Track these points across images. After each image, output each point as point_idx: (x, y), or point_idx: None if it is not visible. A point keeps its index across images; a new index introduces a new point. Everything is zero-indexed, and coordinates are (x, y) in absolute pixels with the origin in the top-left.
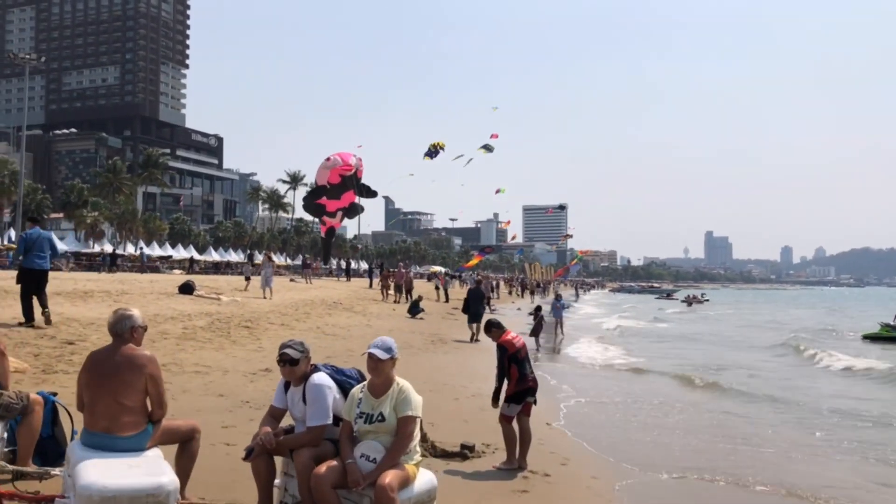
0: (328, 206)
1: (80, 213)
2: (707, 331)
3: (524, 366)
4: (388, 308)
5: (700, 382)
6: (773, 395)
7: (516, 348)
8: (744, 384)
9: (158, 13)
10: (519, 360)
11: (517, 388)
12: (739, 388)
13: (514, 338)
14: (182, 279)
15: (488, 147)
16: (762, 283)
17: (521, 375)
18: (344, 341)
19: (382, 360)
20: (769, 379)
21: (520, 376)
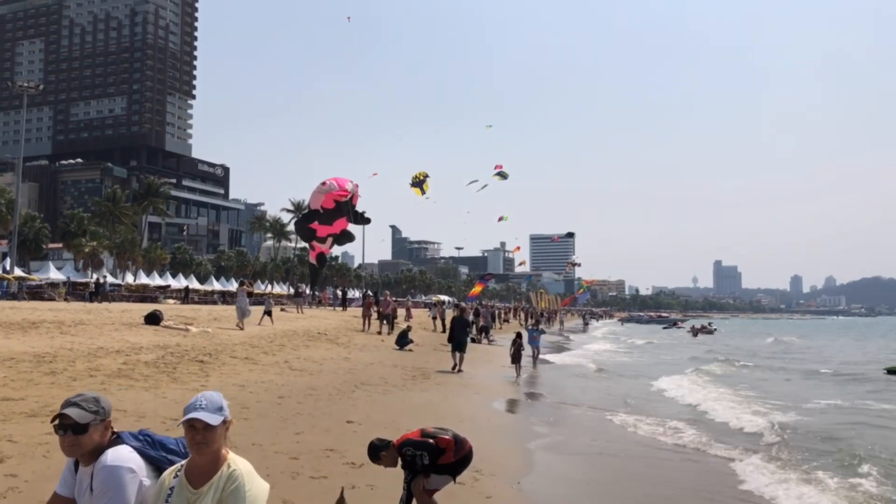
0: (319, 232)
1: (79, 243)
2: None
3: (457, 437)
4: (376, 339)
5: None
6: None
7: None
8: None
9: (166, 45)
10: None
11: (456, 457)
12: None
13: (412, 435)
14: (169, 307)
15: (503, 174)
16: (772, 312)
17: (458, 442)
18: (310, 378)
19: (212, 428)
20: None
21: (456, 443)
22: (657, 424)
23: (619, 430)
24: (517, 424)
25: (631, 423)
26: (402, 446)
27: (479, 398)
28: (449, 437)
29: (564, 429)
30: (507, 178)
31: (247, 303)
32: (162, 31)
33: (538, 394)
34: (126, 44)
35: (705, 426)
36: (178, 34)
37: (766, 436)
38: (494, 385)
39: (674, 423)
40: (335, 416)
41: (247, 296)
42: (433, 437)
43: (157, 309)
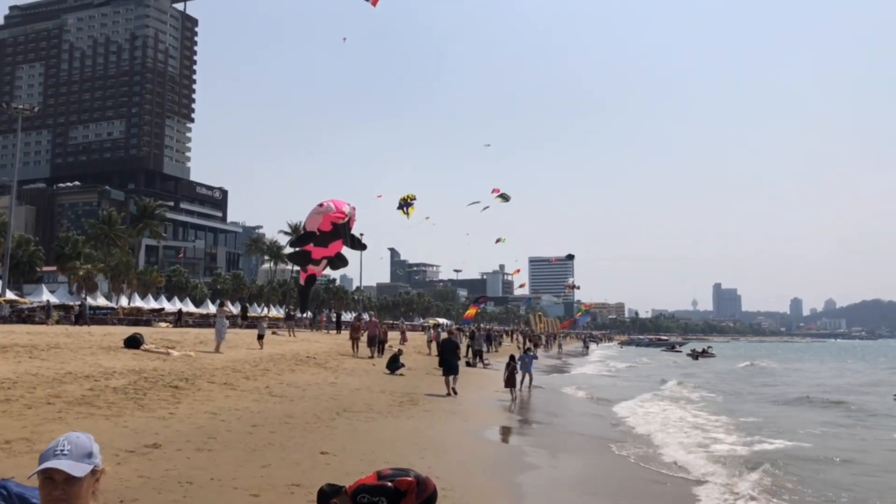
0: (314, 254)
1: (73, 266)
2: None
3: (419, 477)
4: (366, 363)
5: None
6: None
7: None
8: None
9: (165, 68)
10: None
11: (419, 500)
12: None
13: (367, 480)
14: (159, 331)
15: (504, 196)
16: (772, 335)
17: (420, 482)
18: (289, 404)
19: (75, 481)
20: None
21: (419, 484)
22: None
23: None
24: (506, 455)
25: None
26: (357, 493)
27: (467, 426)
28: (410, 479)
29: (557, 460)
30: (509, 201)
31: (224, 325)
32: (161, 55)
33: (532, 420)
34: (126, 67)
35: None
36: (178, 58)
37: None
38: (486, 411)
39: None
40: (309, 447)
41: (225, 318)
42: (391, 480)
43: (137, 332)
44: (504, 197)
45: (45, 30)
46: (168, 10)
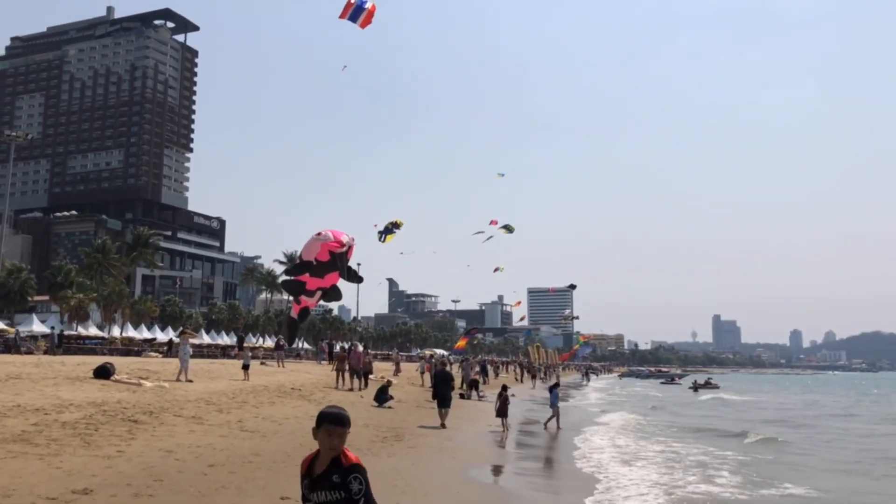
0: (308, 284)
1: (65, 295)
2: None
3: None
4: (354, 396)
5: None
6: None
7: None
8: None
9: (164, 99)
10: None
11: None
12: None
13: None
14: (143, 361)
15: (508, 227)
16: (772, 367)
17: None
18: (260, 441)
19: None
20: None
21: None
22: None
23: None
24: (494, 499)
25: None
26: None
27: (454, 464)
28: None
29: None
30: (513, 232)
31: (188, 353)
32: (161, 86)
33: (528, 455)
34: (125, 98)
35: None
36: (178, 88)
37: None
38: (476, 446)
39: None
40: (270, 491)
41: (189, 346)
42: None
43: (108, 362)
44: (508, 228)
45: (45, 60)
46: (168, 41)
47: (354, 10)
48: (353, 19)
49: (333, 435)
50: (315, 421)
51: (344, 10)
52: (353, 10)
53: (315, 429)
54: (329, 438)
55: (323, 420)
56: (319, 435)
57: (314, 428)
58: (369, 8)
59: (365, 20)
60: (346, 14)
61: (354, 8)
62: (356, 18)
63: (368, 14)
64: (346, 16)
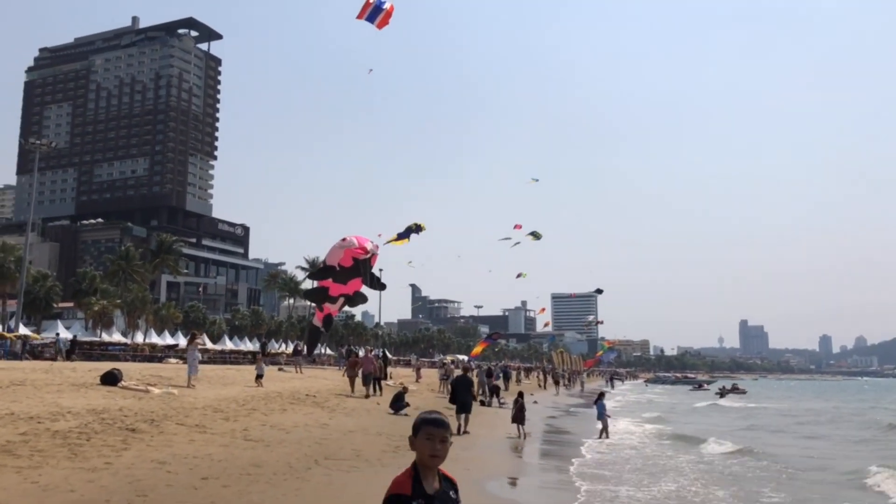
0: (331, 290)
1: (89, 301)
2: None
3: None
4: (370, 402)
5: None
6: None
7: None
8: None
9: (189, 107)
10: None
11: None
12: None
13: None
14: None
15: (536, 234)
16: (801, 373)
17: None
18: (263, 450)
19: None
20: None
21: None
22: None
23: None
24: None
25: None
26: None
27: (468, 476)
28: None
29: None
30: (540, 239)
31: (196, 358)
32: (185, 94)
33: (548, 466)
34: (150, 106)
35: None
36: (202, 97)
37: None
38: (493, 456)
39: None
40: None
41: (197, 351)
42: None
43: (116, 368)
44: (535, 235)
45: (73, 71)
46: (192, 50)
47: (372, 11)
48: (370, 20)
49: (435, 438)
50: (411, 429)
51: (362, 10)
52: (371, 11)
53: (412, 437)
54: (431, 443)
55: (421, 424)
56: (418, 443)
57: (410, 437)
58: (387, 8)
59: (382, 20)
60: (364, 14)
61: (373, 8)
62: (374, 19)
63: (386, 14)
64: (363, 16)
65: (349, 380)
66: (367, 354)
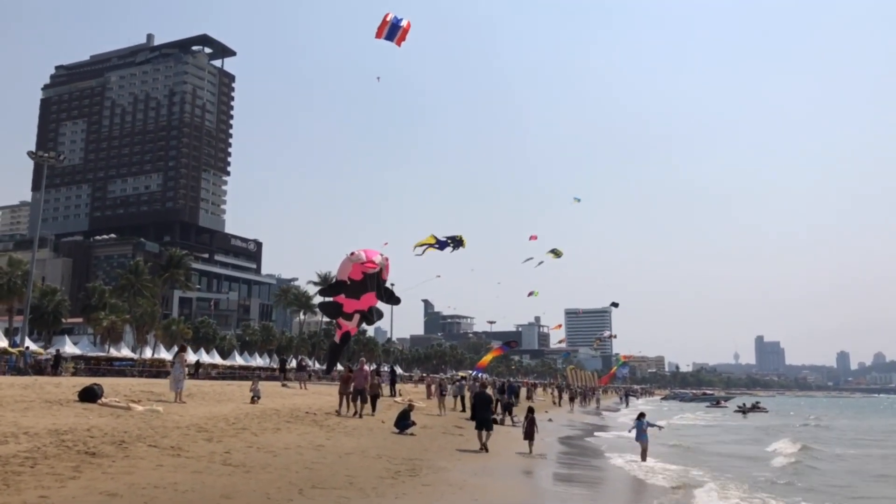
0: (346, 307)
1: (98, 316)
2: None
3: None
4: (374, 421)
5: None
6: None
7: None
8: None
9: (202, 123)
10: None
11: None
12: None
13: None
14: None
15: (557, 252)
16: (819, 390)
17: None
18: (242, 477)
19: None
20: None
21: None
22: None
23: None
24: None
25: None
26: None
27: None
28: None
29: None
30: (561, 257)
31: (182, 373)
32: (199, 110)
33: (566, 495)
34: (164, 122)
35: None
36: (215, 112)
37: None
38: (504, 482)
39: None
40: None
41: (183, 365)
42: None
43: (96, 384)
44: (556, 253)
45: (88, 88)
46: (206, 66)
47: (390, 29)
48: (389, 38)
49: None
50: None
51: (379, 29)
52: (389, 29)
53: None
54: None
55: None
56: None
57: None
58: (404, 26)
59: (400, 37)
60: (382, 34)
61: (390, 26)
62: (392, 37)
63: (403, 31)
64: (381, 35)
65: (339, 396)
66: (360, 368)
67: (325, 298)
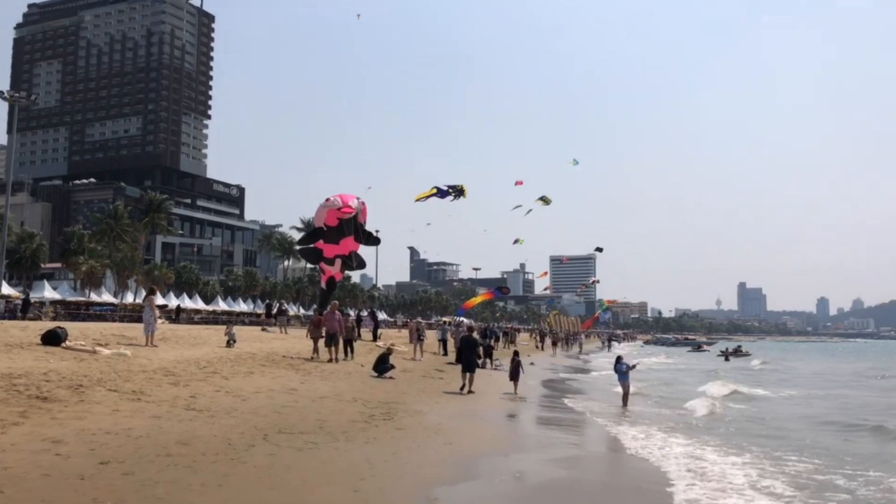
0: (326, 252)
1: (76, 261)
2: None
3: None
4: (353, 365)
5: None
6: None
7: None
8: None
9: (182, 65)
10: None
11: None
12: None
13: None
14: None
15: (546, 199)
16: (798, 335)
17: None
18: (204, 423)
19: None
20: None
21: None
22: None
23: None
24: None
25: None
26: None
27: (448, 452)
28: None
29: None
30: (550, 204)
31: (152, 316)
32: (178, 52)
33: (545, 440)
34: (142, 64)
35: None
36: (195, 54)
37: None
38: (481, 426)
39: None
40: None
41: (154, 308)
42: None
43: (59, 326)
44: (545, 200)
45: (62, 27)
46: (184, 6)
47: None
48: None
49: None
50: (391, 394)
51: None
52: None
53: None
54: None
55: None
56: None
57: None
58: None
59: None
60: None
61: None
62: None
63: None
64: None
65: (313, 341)
66: (332, 311)
67: (305, 246)
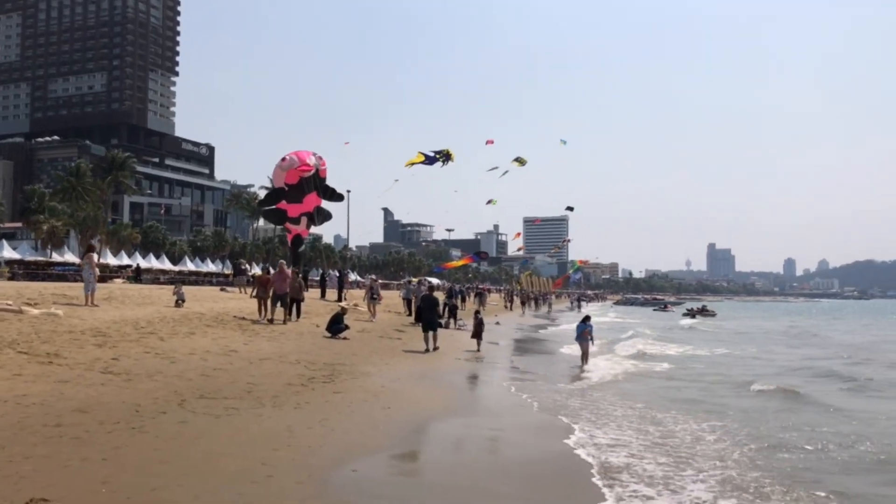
0: (290, 212)
1: (37, 220)
2: None
3: None
4: (307, 325)
5: None
6: None
7: None
8: None
9: (147, 19)
10: None
11: None
12: None
13: None
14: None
15: (521, 160)
16: (765, 295)
17: None
18: (117, 388)
19: None
20: None
21: None
22: None
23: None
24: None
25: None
26: None
27: (381, 417)
28: None
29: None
30: (525, 165)
31: (91, 275)
32: (143, 5)
33: (497, 405)
34: (105, 18)
35: None
36: (160, 8)
37: None
38: (426, 389)
39: None
40: (27, 486)
41: (93, 266)
42: None
43: None
44: (520, 161)
45: None
46: None
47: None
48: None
49: None
50: (341, 355)
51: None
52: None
53: None
54: None
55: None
56: None
57: None
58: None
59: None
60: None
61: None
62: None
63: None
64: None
65: (258, 302)
66: (280, 270)
67: (267, 208)
